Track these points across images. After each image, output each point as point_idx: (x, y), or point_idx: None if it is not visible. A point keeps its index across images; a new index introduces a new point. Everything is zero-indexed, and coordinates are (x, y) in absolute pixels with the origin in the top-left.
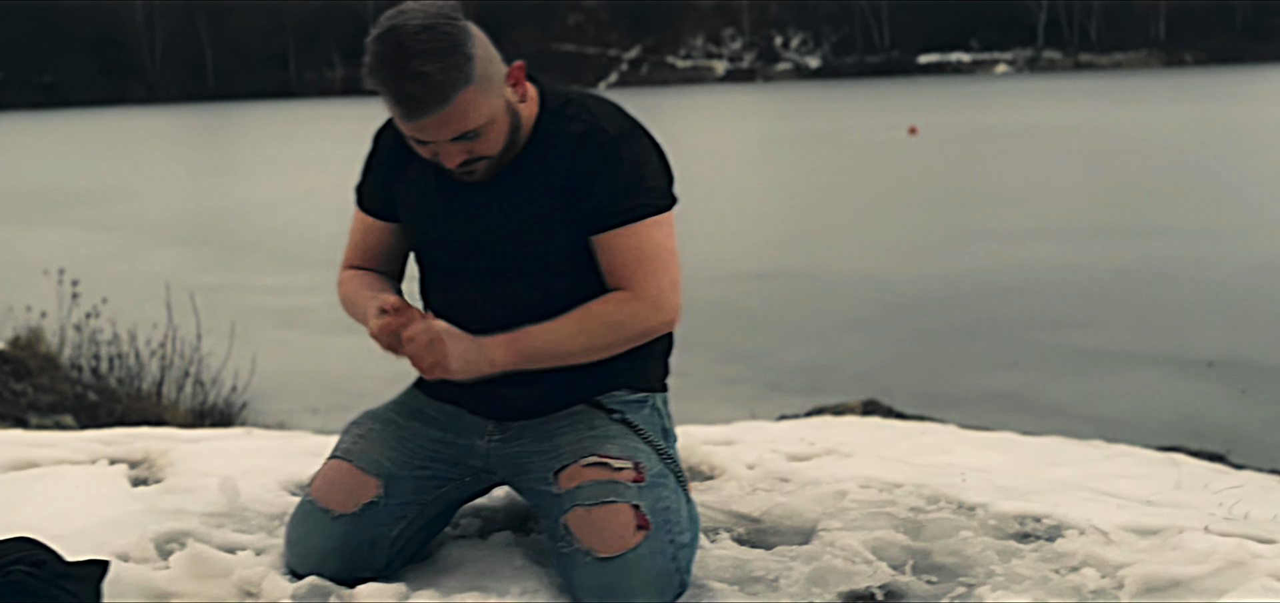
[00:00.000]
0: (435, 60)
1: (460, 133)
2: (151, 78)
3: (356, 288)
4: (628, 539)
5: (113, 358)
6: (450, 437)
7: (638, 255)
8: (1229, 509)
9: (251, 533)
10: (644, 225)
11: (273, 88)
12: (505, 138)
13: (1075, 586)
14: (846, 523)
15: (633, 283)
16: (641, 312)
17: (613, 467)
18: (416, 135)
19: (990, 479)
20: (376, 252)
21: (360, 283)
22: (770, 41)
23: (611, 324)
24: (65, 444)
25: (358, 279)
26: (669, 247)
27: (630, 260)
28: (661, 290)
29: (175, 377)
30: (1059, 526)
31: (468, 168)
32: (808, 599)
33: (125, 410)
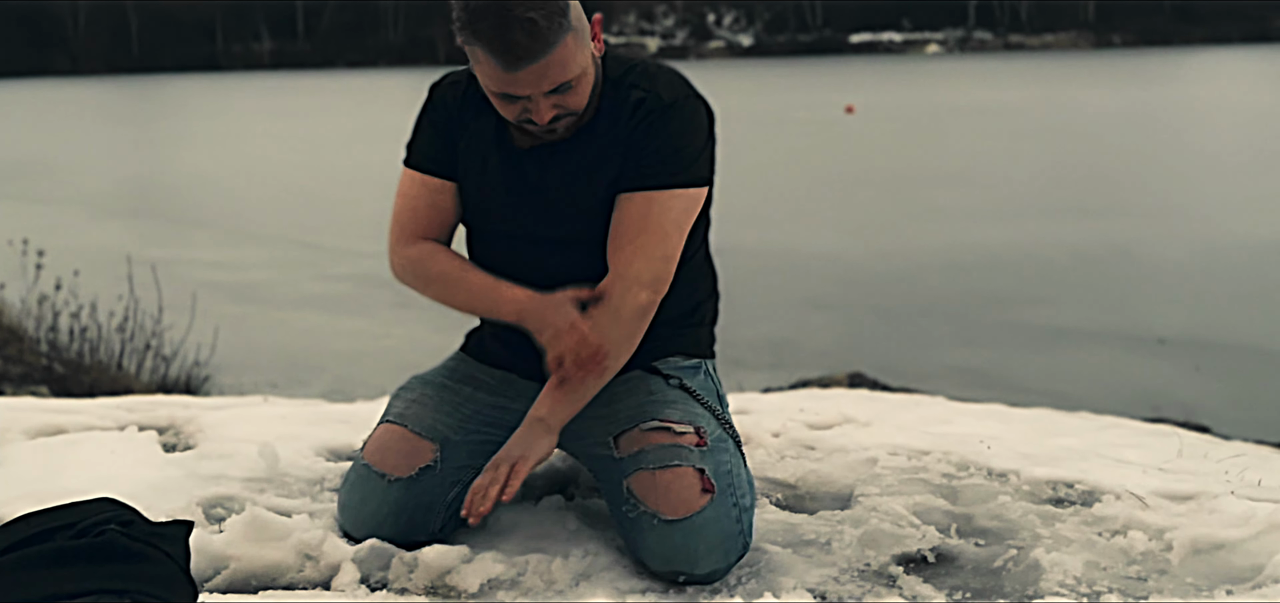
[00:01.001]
0: (538, 7)
1: (557, 84)
2: (75, 49)
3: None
4: (694, 503)
5: (72, 331)
6: (504, 402)
7: (641, 223)
8: (1237, 477)
9: (294, 498)
10: (661, 194)
11: (199, 61)
12: (589, 94)
13: (1123, 549)
14: (883, 489)
15: (625, 251)
16: (632, 294)
17: (675, 431)
18: (511, 90)
19: (1011, 447)
20: (435, 218)
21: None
22: (703, 19)
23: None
24: (89, 411)
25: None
26: (679, 224)
27: (632, 226)
28: (651, 262)
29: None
30: (1093, 491)
31: (553, 126)
32: (864, 561)
33: (94, 383)
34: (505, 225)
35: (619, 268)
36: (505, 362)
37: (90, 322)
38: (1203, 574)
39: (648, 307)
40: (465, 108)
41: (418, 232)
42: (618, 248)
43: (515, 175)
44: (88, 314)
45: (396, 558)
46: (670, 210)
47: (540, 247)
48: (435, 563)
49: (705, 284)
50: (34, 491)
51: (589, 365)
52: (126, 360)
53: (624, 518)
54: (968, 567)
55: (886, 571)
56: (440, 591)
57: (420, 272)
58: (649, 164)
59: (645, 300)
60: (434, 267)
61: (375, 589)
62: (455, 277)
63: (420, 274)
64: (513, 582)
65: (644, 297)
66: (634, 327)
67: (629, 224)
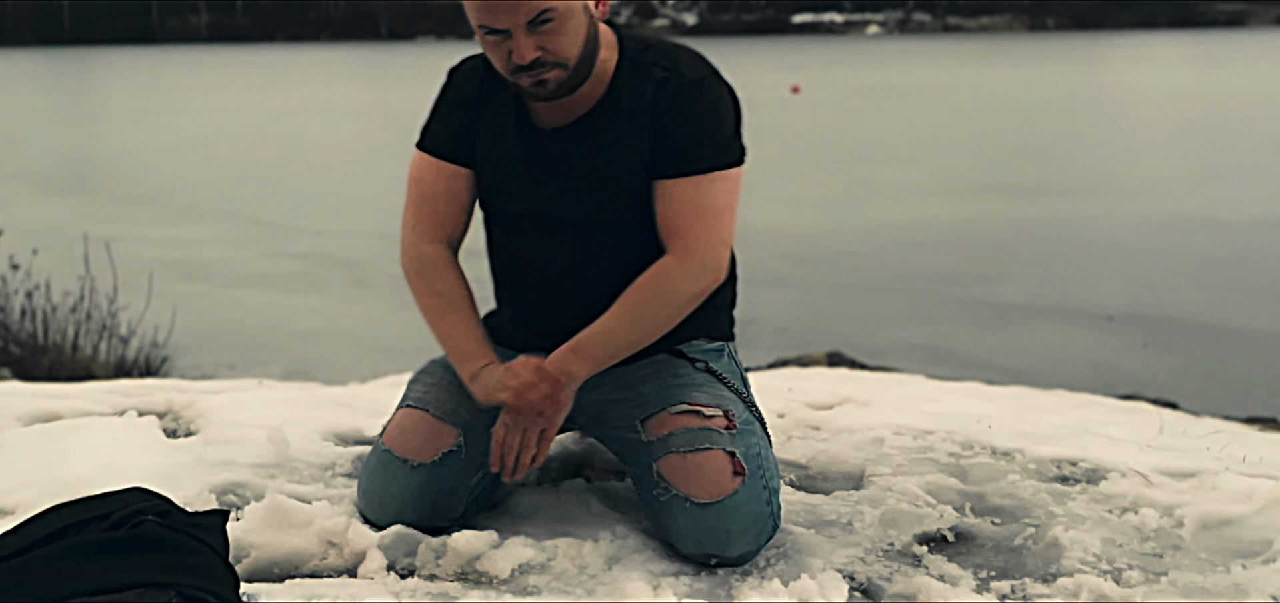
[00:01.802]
0: None
1: (536, 13)
2: (2, 19)
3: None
4: (725, 485)
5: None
6: None
7: (696, 210)
8: (1221, 453)
9: (306, 484)
10: (707, 179)
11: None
12: (580, 48)
13: (1136, 526)
14: (895, 469)
15: (683, 238)
16: (689, 273)
17: (704, 414)
18: (490, 20)
19: (1010, 426)
20: (457, 208)
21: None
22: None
23: (663, 297)
24: (84, 395)
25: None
26: (728, 204)
27: (687, 214)
28: (711, 248)
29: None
30: (1097, 469)
31: (540, 76)
32: (887, 541)
33: (53, 365)
34: (525, 207)
35: (677, 253)
36: (529, 345)
37: (44, 302)
38: (1215, 550)
39: (704, 294)
40: (482, 91)
41: (437, 225)
42: (673, 236)
43: (535, 155)
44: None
45: (423, 544)
46: (718, 194)
47: (560, 229)
48: (464, 549)
49: None
50: (37, 479)
51: (544, 404)
52: (82, 341)
53: (654, 501)
54: (988, 545)
55: (910, 550)
56: (470, 577)
57: (424, 279)
58: (688, 149)
59: (705, 287)
60: (436, 283)
61: (404, 576)
62: (439, 308)
63: (423, 278)
64: (543, 567)
65: (704, 283)
66: (685, 311)
67: (681, 213)
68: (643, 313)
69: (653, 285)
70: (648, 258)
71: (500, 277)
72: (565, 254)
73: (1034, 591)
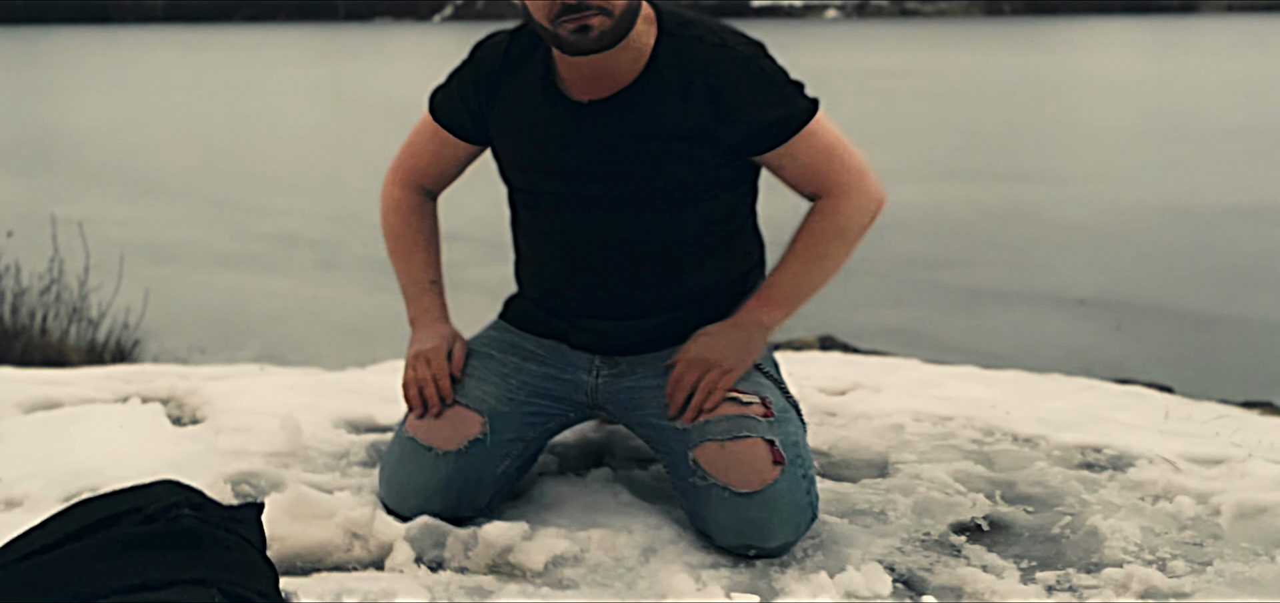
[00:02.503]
0: None
1: None
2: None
3: (400, 247)
4: (765, 474)
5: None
6: (555, 372)
7: (826, 153)
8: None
9: (321, 473)
10: (815, 124)
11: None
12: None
13: (1172, 514)
14: (919, 456)
15: (831, 180)
16: (857, 206)
17: (741, 401)
18: None
19: (1027, 412)
20: (439, 169)
21: (408, 242)
22: None
23: (839, 235)
24: (84, 382)
25: (413, 232)
26: (842, 139)
27: (820, 160)
28: (861, 176)
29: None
30: (1121, 455)
31: (584, 21)
32: (922, 531)
33: (25, 349)
34: (559, 184)
35: (834, 195)
36: (555, 331)
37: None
38: (1255, 538)
39: (874, 216)
40: (507, 68)
41: (416, 175)
42: (818, 186)
43: (571, 128)
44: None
45: (452, 536)
46: (830, 134)
47: (595, 207)
48: (496, 540)
49: (755, 252)
50: (45, 468)
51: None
52: (51, 324)
53: (690, 490)
54: (1025, 534)
55: (947, 540)
56: (503, 569)
57: (393, 218)
58: (786, 113)
59: (872, 213)
60: (402, 224)
61: (434, 569)
62: (402, 248)
63: (390, 217)
64: (577, 559)
65: (870, 210)
66: (860, 238)
67: (813, 164)
68: (823, 252)
69: (825, 224)
70: (685, 237)
71: (528, 258)
72: (600, 232)
73: (1080, 581)
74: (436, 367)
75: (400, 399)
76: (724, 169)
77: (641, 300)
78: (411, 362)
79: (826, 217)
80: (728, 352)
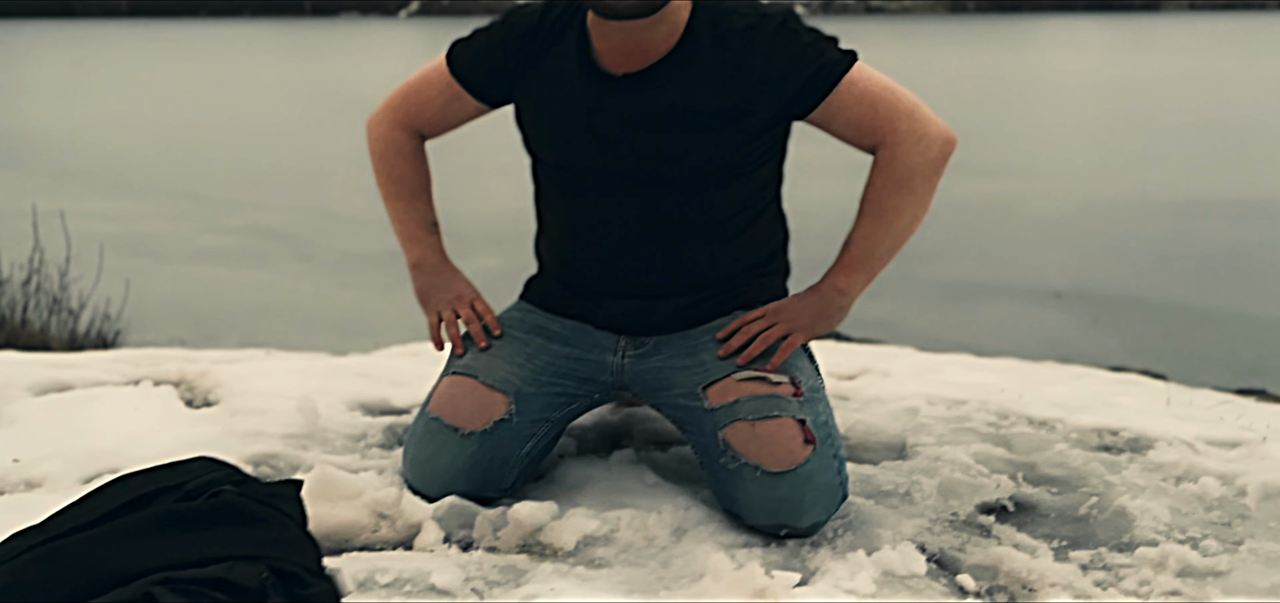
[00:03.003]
0: None
1: None
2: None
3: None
4: (797, 454)
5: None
6: (579, 353)
7: (871, 100)
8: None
9: (340, 454)
10: (856, 73)
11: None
12: None
13: (1197, 495)
14: (937, 439)
15: (882, 128)
16: (914, 149)
17: (770, 381)
18: None
19: (1037, 395)
20: (441, 120)
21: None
22: None
23: (901, 184)
24: (94, 365)
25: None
26: (887, 83)
27: (867, 109)
28: (916, 118)
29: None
30: (1139, 438)
31: None
32: (950, 512)
33: (8, 338)
34: (595, 159)
35: (888, 143)
36: (579, 311)
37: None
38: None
39: (940, 156)
40: (541, 37)
41: (416, 121)
42: (870, 135)
43: (610, 103)
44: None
45: (480, 516)
46: (872, 78)
47: (627, 183)
48: (526, 520)
49: (779, 233)
50: (63, 450)
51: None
52: (31, 315)
53: (721, 470)
54: (1052, 515)
55: (975, 521)
56: (534, 549)
57: (387, 159)
58: (824, 65)
59: (935, 152)
60: (404, 166)
61: (465, 549)
62: (405, 191)
63: (386, 160)
64: (608, 539)
65: (933, 150)
66: (929, 182)
67: (858, 116)
68: (887, 206)
69: (883, 177)
70: (715, 215)
71: (554, 235)
72: (631, 209)
73: (1114, 560)
74: (480, 307)
75: (413, 383)
76: (755, 144)
77: (669, 280)
78: (450, 304)
79: (883, 169)
80: (801, 314)
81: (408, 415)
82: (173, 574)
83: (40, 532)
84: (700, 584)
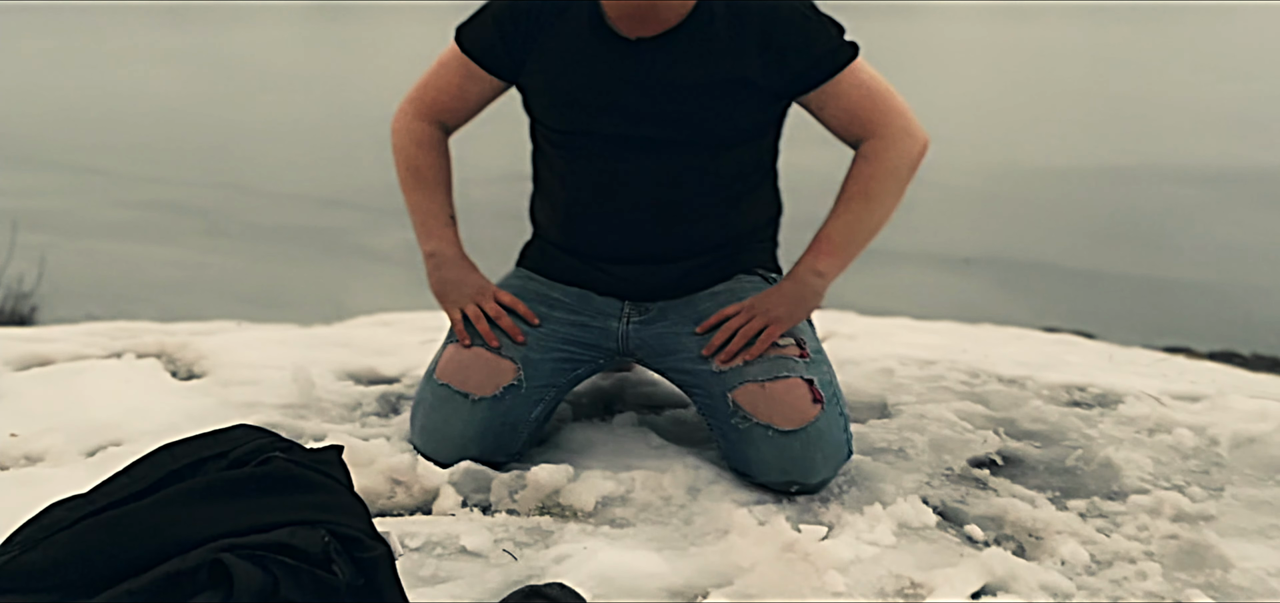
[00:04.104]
0: None
1: None
2: None
3: (418, 181)
4: (807, 412)
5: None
6: (584, 320)
7: (868, 94)
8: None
9: (338, 423)
10: (858, 66)
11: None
12: None
13: (1174, 446)
14: (917, 398)
15: (874, 122)
16: (903, 146)
17: (778, 343)
18: None
19: (999, 354)
20: (461, 104)
21: (425, 176)
22: None
23: (887, 175)
24: (72, 338)
25: (434, 165)
26: (880, 80)
27: (864, 101)
28: (905, 116)
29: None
30: (1107, 394)
31: None
32: (945, 466)
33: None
34: (606, 122)
35: (877, 136)
36: (581, 278)
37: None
38: (1255, 466)
39: (920, 157)
40: (550, 5)
41: (436, 109)
42: (861, 126)
43: (624, 66)
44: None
45: (495, 480)
46: (870, 74)
47: (637, 147)
48: (546, 482)
49: (775, 202)
50: (63, 423)
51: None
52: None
53: (732, 430)
54: (1040, 467)
55: (969, 474)
56: (553, 510)
57: (406, 151)
58: (827, 53)
59: (918, 151)
60: (424, 156)
61: (486, 511)
62: (425, 180)
63: (406, 151)
64: (625, 499)
65: (915, 148)
66: (907, 180)
67: (856, 104)
68: (873, 193)
69: (872, 167)
70: (719, 182)
71: (559, 201)
72: (639, 173)
73: (1110, 508)
74: (506, 300)
75: (396, 352)
76: (762, 113)
77: (674, 245)
78: (472, 299)
79: (873, 159)
80: (779, 304)
81: (398, 384)
82: (236, 541)
83: (88, 502)
84: (727, 540)
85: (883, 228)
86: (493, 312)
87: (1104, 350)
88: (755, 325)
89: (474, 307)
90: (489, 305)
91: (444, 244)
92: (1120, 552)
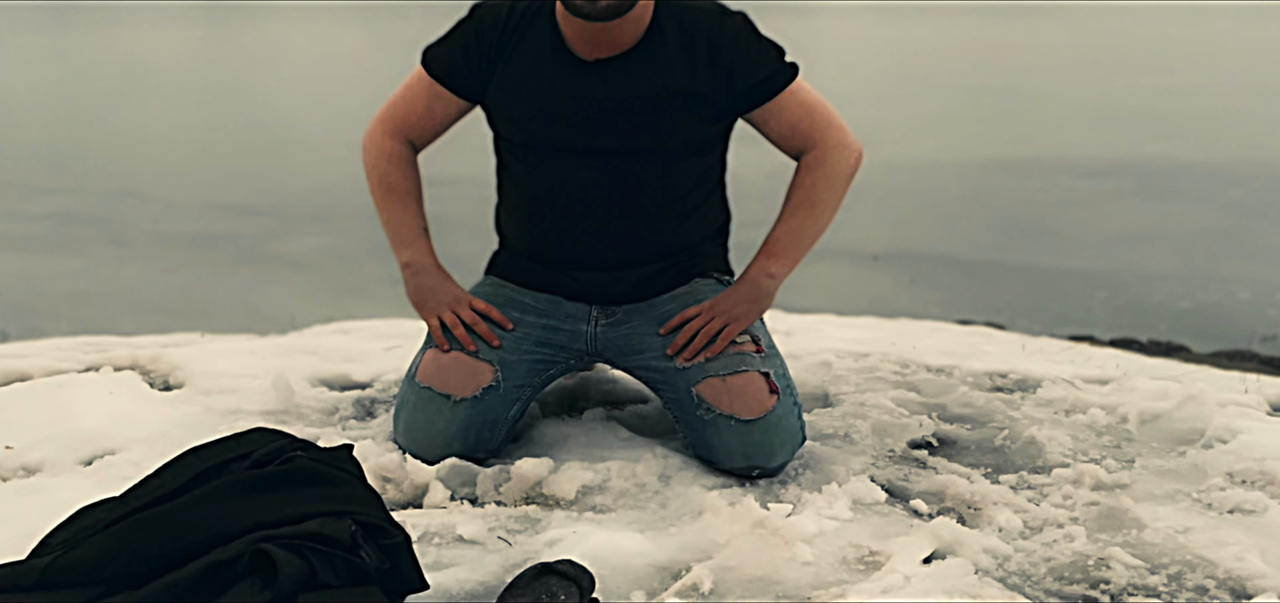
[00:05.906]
0: None
1: None
2: None
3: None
4: (765, 403)
5: None
6: (555, 323)
7: (809, 110)
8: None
9: (319, 428)
10: (798, 85)
11: None
12: None
13: (1088, 424)
14: (856, 387)
15: (814, 135)
16: (841, 157)
17: (736, 341)
18: None
19: (925, 346)
20: (428, 123)
21: (397, 191)
22: None
23: (828, 184)
24: (46, 353)
25: (405, 180)
26: (821, 97)
27: (804, 117)
28: (841, 130)
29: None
30: (1026, 379)
31: None
32: (887, 449)
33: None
34: (568, 137)
35: (817, 149)
36: (549, 284)
37: None
38: (1161, 439)
39: (856, 166)
40: (511, 28)
41: (405, 128)
42: (801, 139)
43: (583, 85)
44: None
45: (480, 475)
46: (810, 92)
47: (598, 159)
48: (530, 474)
49: (725, 211)
50: (54, 435)
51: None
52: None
53: (697, 421)
54: (972, 447)
55: (910, 456)
56: (537, 499)
57: (379, 167)
58: (770, 73)
59: (855, 161)
60: (395, 172)
61: (473, 503)
62: (396, 195)
63: (378, 167)
64: (602, 487)
65: (852, 159)
66: (846, 187)
67: (797, 120)
68: (815, 201)
69: (814, 176)
70: (676, 191)
71: (525, 213)
72: (600, 184)
73: (1037, 481)
74: (481, 307)
75: (364, 359)
76: (711, 126)
77: (632, 252)
78: (449, 307)
79: (814, 169)
80: (736, 304)
81: (371, 388)
82: (271, 532)
83: (123, 503)
84: (702, 520)
85: (825, 232)
86: (469, 318)
87: (1016, 341)
88: (715, 325)
89: (451, 314)
90: (465, 312)
91: (419, 254)
92: (1049, 518)
